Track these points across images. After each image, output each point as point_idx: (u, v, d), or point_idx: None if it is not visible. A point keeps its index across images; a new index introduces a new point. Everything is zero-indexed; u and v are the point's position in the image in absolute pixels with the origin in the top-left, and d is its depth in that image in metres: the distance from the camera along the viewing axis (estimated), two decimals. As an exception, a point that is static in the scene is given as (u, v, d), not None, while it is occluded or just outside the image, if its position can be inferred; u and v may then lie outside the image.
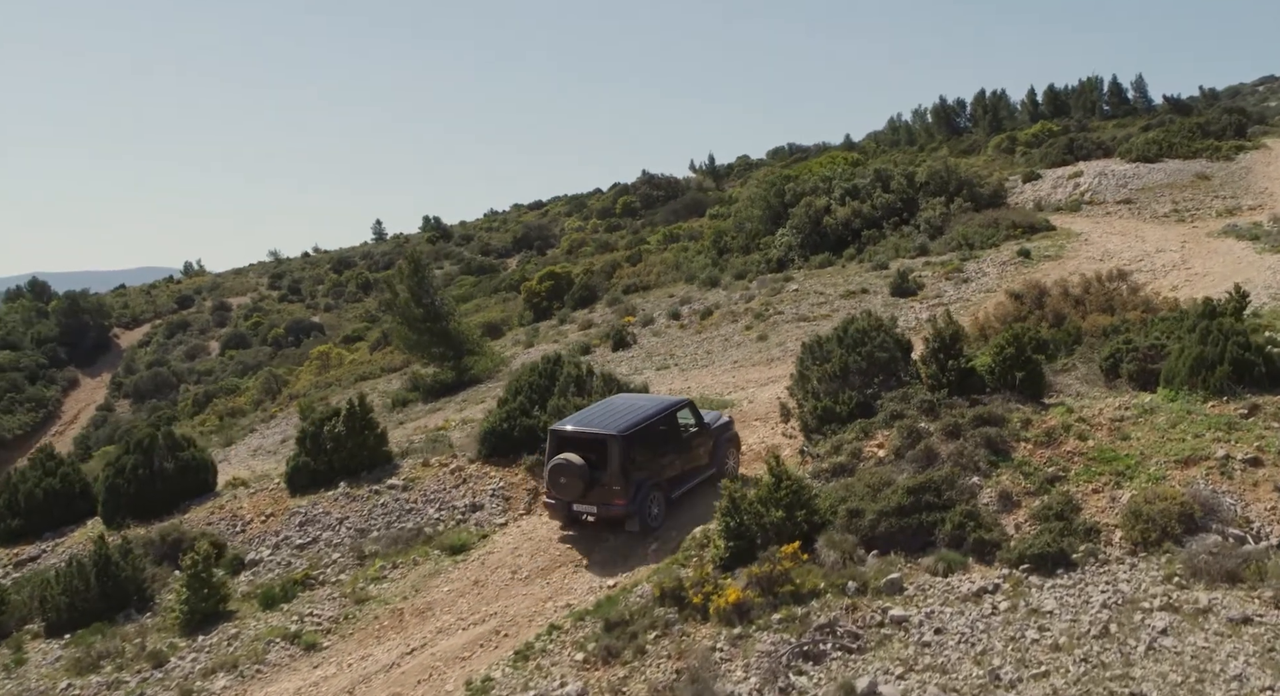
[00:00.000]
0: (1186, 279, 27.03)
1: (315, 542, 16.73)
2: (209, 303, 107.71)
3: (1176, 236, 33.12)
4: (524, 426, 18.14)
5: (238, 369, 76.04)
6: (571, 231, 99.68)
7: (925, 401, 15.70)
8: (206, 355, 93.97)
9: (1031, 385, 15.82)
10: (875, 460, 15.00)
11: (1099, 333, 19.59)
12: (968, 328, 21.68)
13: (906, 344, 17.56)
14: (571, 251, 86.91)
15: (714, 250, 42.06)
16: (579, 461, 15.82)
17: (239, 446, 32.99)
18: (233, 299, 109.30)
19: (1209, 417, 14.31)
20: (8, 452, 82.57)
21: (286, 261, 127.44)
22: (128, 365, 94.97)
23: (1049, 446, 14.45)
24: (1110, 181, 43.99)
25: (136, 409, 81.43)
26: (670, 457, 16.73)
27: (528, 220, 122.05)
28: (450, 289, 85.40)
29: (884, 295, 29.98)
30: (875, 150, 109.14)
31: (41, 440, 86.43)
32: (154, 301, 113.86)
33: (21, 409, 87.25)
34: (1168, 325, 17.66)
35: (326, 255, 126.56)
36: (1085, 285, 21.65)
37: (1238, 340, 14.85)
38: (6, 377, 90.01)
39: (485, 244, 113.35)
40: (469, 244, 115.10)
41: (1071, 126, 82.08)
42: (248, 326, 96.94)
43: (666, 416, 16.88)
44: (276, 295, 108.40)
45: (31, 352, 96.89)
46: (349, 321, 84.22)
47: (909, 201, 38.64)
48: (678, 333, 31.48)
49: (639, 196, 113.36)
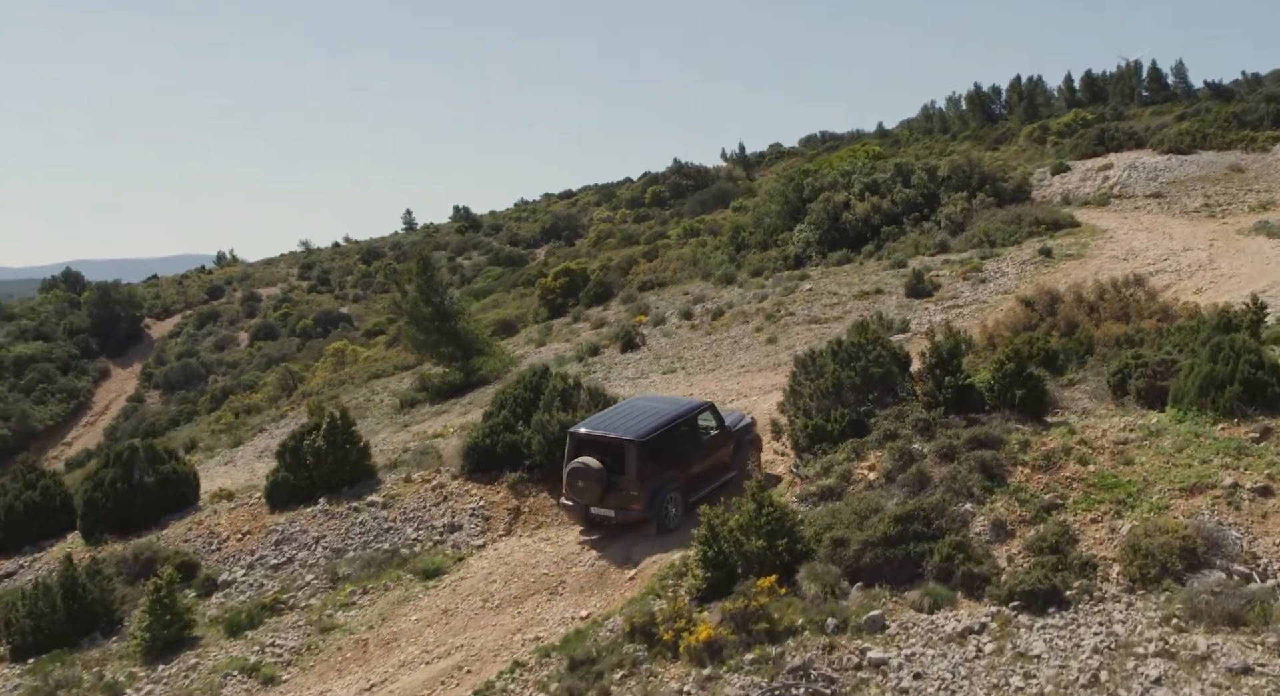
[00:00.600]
0: (1212, 280, 26.06)
1: (290, 563, 16.26)
2: (239, 293, 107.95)
3: (1205, 233, 32.06)
4: (507, 442, 17.57)
5: (263, 361, 76.06)
6: (599, 222, 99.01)
7: (920, 420, 15.02)
8: (236, 346, 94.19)
9: (1033, 403, 15.08)
10: (865, 483, 14.34)
11: (1112, 342, 18.76)
12: (976, 336, 20.92)
13: (905, 357, 16.82)
14: (598, 243, 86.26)
15: (732, 246, 41.33)
16: (597, 465, 15.75)
17: (246, 448, 32.67)
18: (263, 289, 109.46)
19: (1218, 442, 13.53)
20: (39, 443, 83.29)
21: (316, 251, 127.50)
22: (158, 356, 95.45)
23: (1048, 471, 13.72)
24: (1140, 174, 42.84)
25: (166, 400, 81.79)
26: (690, 461, 16.59)
27: (557, 210, 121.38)
28: (476, 280, 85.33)
29: (899, 296, 29.16)
30: (908, 138, 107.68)
31: (72, 431, 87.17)
32: (185, 292, 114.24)
33: (53, 400, 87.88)
34: (1182, 337, 16.85)
35: (356, 245, 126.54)
36: (1100, 291, 20.78)
37: (1250, 358, 14.04)
38: (39, 368, 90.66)
39: (514, 234, 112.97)
40: (498, 234, 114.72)
41: (1107, 114, 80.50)
42: (276, 317, 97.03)
43: (687, 420, 16.79)
44: (306, 286, 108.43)
45: (64, 343, 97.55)
46: (377, 312, 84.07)
47: (930, 197, 37.72)
48: (688, 333, 30.83)
49: (668, 186, 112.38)
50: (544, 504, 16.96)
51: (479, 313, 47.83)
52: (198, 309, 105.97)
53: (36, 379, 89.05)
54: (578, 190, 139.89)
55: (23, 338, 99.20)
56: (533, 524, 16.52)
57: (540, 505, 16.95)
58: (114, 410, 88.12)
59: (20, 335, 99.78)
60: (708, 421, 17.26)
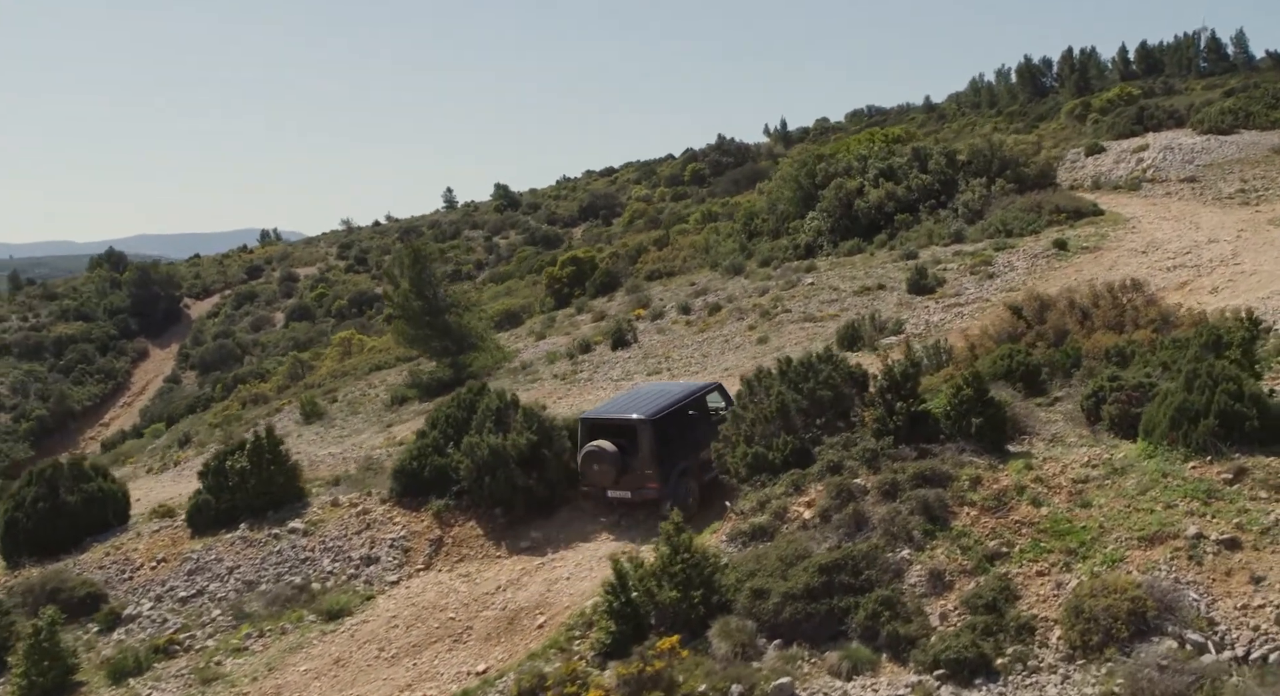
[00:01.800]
0: (1230, 278, 24.38)
1: (199, 596, 15.32)
2: (277, 273, 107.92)
3: (1234, 223, 30.22)
4: (435, 466, 16.49)
5: (289, 344, 75.77)
6: (633, 202, 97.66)
7: (868, 451, 13.75)
8: (272, 327, 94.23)
9: (992, 432, 13.76)
10: (800, 523, 13.13)
11: (1101, 355, 17.34)
12: (958, 345, 19.53)
13: (861, 378, 15.50)
14: (631, 222, 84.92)
15: (744, 233, 39.93)
16: (611, 448, 15.92)
17: (237, 443, 31.85)
18: (301, 269, 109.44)
19: (1186, 483, 12.17)
20: (77, 424, 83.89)
21: (357, 231, 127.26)
22: (195, 336, 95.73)
23: (997, 512, 12.45)
24: (1176, 156, 40.76)
25: (202, 381, 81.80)
26: (701, 440, 16.49)
27: (596, 188, 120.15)
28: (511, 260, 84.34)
29: (900, 292, 27.69)
30: (955, 113, 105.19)
31: (110, 411, 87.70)
32: (225, 271, 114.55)
33: (91, 380, 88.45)
34: (1170, 354, 15.39)
35: (396, 224, 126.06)
36: (1094, 297, 19.27)
37: (1228, 388, 12.61)
38: (78, 349, 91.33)
39: (551, 212, 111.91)
40: (535, 213, 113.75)
41: (1156, 88, 77.73)
42: (312, 298, 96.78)
43: (695, 400, 17.07)
44: (343, 266, 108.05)
45: (104, 323, 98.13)
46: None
47: (948, 183, 36.05)
48: (682, 330, 29.59)
49: (708, 163, 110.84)
50: (470, 534, 15.87)
51: (491, 300, 46.93)
52: (236, 289, 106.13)
53: (75, 359, 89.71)
54: (620, 167, 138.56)
55: (64, 317, 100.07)
56: (455, 556, 15.43)
57: (466, 536, 15.86)
58: (151, 390, 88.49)
59: (62, 315, 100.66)
60: (717, 402, 17.50)
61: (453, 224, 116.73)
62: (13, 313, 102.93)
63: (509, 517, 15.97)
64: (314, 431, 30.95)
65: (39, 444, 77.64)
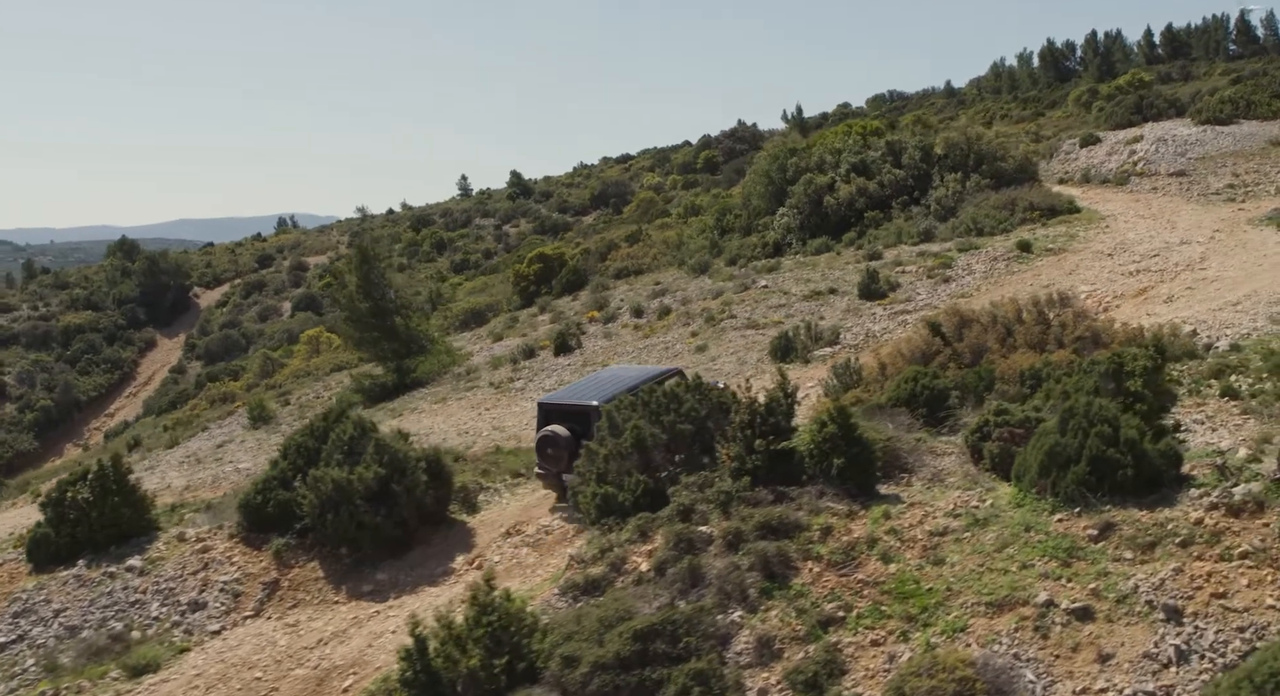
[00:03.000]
0: (1191, 285, 22.99)
1: (20, 642, 14.37)
2: (287, 262, 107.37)
3: (1213, 222, 28.72)
4: (280, 500, 15.43)
5: (284, 337, 75.11)
6: (642, 190, 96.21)
7: (722, 493, 12.60)
8: (279, 316, 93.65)
9: (858, 474, 12.57)
10: (636, 576, 11.98)
11: (1015, 377, 16.11)
12: (871, 365, 18.32)
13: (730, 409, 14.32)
14: (639, 210, 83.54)
15: (717, 229, 38.67)
16: (565, 433, 16.24)
17: (177, 451, 31.11)
18: (311, 258, 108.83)
19: (1049, 539, 10.97)
20: (82, 414, 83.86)
21: (370, 219, 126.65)
22: (202, 326, 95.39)
23: (843, 569, 11.30)
24: (1168, 149, 39.10)
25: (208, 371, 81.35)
26: None
27: (609, 176, 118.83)
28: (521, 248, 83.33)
29: (851, 297, 26.43)
30: (976, 97, 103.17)
31: (115, 402, 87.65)
32: (237, 260, 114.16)
33: (98, 370, 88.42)
34: (1075, 382, 14.10)
35: (409, 212, 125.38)
36: (1018, 312, 17.96)
37: (1102, 431, 11.38)
38: (85, 339, 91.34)
39: (563, 201, 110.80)
40: (547, 201, 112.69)
41: (1174, 73, 75.68)
42: (320, 287, 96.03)
43: (652, 385, 16.50)
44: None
45: (112, 313, 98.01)
46: (420, 282, 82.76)
47: (922, 178, 34.64)
48: (629, 335, 28.49)
49: (721, 150, 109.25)
50: (309, 577, 14.81)
51: (466, 297, 45.93)
52: (245, 278, 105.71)
53: (82, 349, 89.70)
54: (636, 154, 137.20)
55: (74, 307, 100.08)
56: (289, 602, 14.38)
57: (304, 578, 14.80)
58: (157, 381, 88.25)
59: (72, 304, 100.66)
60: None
61: (465, 212, 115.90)
62: (23, 302, 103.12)
63: (355, 558, 14.90)
64: (255, 438, 30.13)
65: (43, 435, 77.71)
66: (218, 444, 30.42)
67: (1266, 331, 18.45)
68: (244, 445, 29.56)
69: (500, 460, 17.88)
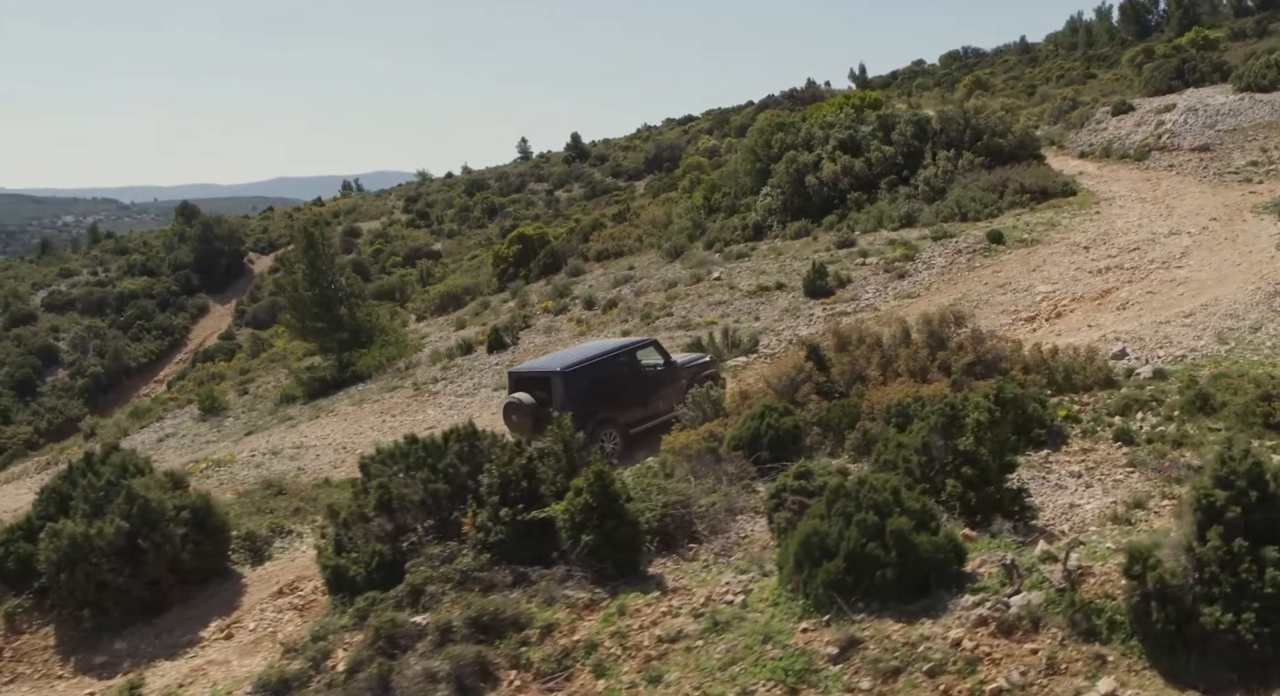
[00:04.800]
0: (1154, 288, 20.47)
1: None
2: (340, 227, 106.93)
3: (1215, 208, 25.90)
4: (20, 555, 13.98)
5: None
6: (691, 154, 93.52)
7: (458, 572, 10.88)
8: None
9: (616, 551, 10.75)
10: (329, 677, 10.32)
11: (882, 413, 14.04)
12: (729, 395, 16.33)
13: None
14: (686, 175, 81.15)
15: (704, 208, 36.52)
16: (528, 400, 16.85)
17: (135, 439, 30.08)
18: (365, 223, 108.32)
19: (784, 656, 9.10)
20: (132, 380, 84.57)
21: (428, 183, 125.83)
22: (253, 293, 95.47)
23: (550, 682, 9.56)
24: (1197, 120, 35.81)
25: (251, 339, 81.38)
26: (629, 395, 17.47)
27: (667, 138, 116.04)
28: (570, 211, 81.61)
29: (798, 294, 24.26)
30: (1052, 54, 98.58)
31: (165, 368, 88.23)
32: (293, 226, 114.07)
33: (149, 336, 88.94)
34: (912, 433, 12.01)
35: (467, 176, 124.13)
36: (904, 332, 15.78)
37: (865, 520, 9.40)
38: (138, 305, 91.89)
39: (617, 165, 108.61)
40: (602, 165, 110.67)
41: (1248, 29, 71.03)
42: (369, 253, 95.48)
43: (621, 355, 17.71)
44: (406, 220, 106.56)
45: (167, 279, 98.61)
46: (468, 248, 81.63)
47: (914, 155, 32.07)
48: (569, 330, 26.67)
49: (780, 112, 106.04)
50: (38, 646, 13.32)
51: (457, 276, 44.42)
52: (299, 243, 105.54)
53: (134, 315, 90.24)
54: (699, 116, 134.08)
55: (131, 272, 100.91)
56: (7, 676, 12.94)
57: (32, 647, 13.32)
58: (207, 347, 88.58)
59: (129, 270, 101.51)
60: (651, 358, 18.14)
61: (520, 176, 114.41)
62: (84, 267, 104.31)
63: (97, 622, 13.39)
64: (196, 432, 29.12)
65: (92, 401, 78.33)
66: (159, 438, 29.40)
67: (1206, 352, 16.10)
68: (182, 440, 28.51)
69: (322, 495, 16.27)
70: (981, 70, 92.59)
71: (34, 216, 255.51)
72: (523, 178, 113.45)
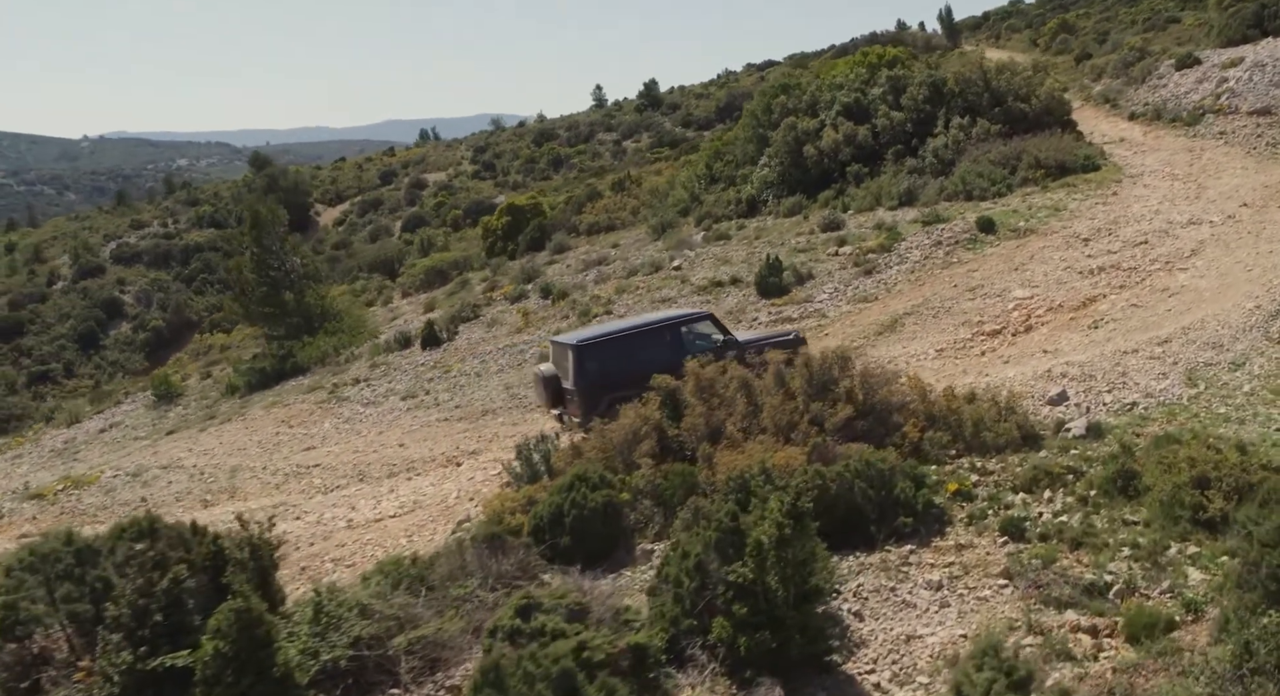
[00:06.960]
0: (1143, 299, 17.25)
1: None
2: (406, 179, 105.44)
3: (1249, 192, 22.27)
4: None
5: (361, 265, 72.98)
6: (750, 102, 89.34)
7: (76, 722, 8.54)
8: (389, 236, 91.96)
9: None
10: None
11: (721, 486, 11.34)
12: (562, 450, 13.66)
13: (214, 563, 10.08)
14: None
15: (705, 178, 33.53)
16: (548, 371, 16.44)
17: (76, 430, 28.58)
18: (432, 174, 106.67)
19: None
20: (192, 332, 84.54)
21: (498, 133, 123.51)
22: (315, 245, 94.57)
23: None
24: (1263, 78, 31.58)
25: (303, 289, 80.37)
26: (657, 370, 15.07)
27: (743, 85, 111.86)
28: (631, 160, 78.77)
29: (750, 292, 21.39)
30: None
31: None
32: (362, 176, 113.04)
33: (211, 290, 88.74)
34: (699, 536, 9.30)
35: (539, 125, 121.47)
36: (778, 376, 12.92)
37: (541, 666, 6.83)
38: (202, 258, 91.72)
39: (689, 113, 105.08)
40: (674, 113, 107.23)
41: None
42: (431, 207, 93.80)
43: (662, 328, 16.58)
44: (471, 171, 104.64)
45: (232, 231, 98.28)
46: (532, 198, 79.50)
47: (925, 121, 28.66)
48: (512, 324, 24.16)
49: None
50: None
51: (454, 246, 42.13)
52: (366, 195, 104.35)
53: (199, 268, 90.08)
54: (780, 60, 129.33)
55: (199, 224, 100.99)
56: None
57: None
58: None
59: (198, 222, 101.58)
60: (705, 330, 16.95)
61: (590, 125, 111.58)
62: (155, 218, 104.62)
63: None
64: (138, 421, 27.41)
65: (153, 355, 78.31)
66: (102, 428, 27.75)
67: (1165, 399, 13.07)
68: (119, 433, 26.82)
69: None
70: (1078, 9, 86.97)
71: (150, 159, 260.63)
72: (592, 127, 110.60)
